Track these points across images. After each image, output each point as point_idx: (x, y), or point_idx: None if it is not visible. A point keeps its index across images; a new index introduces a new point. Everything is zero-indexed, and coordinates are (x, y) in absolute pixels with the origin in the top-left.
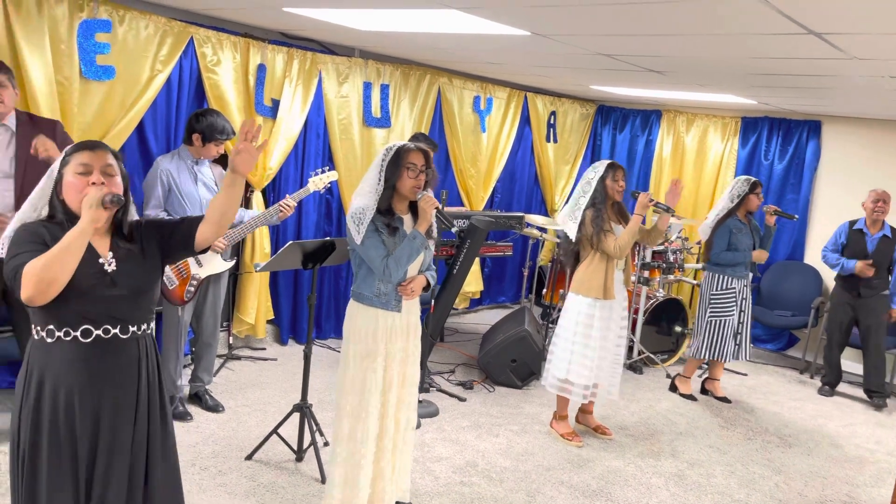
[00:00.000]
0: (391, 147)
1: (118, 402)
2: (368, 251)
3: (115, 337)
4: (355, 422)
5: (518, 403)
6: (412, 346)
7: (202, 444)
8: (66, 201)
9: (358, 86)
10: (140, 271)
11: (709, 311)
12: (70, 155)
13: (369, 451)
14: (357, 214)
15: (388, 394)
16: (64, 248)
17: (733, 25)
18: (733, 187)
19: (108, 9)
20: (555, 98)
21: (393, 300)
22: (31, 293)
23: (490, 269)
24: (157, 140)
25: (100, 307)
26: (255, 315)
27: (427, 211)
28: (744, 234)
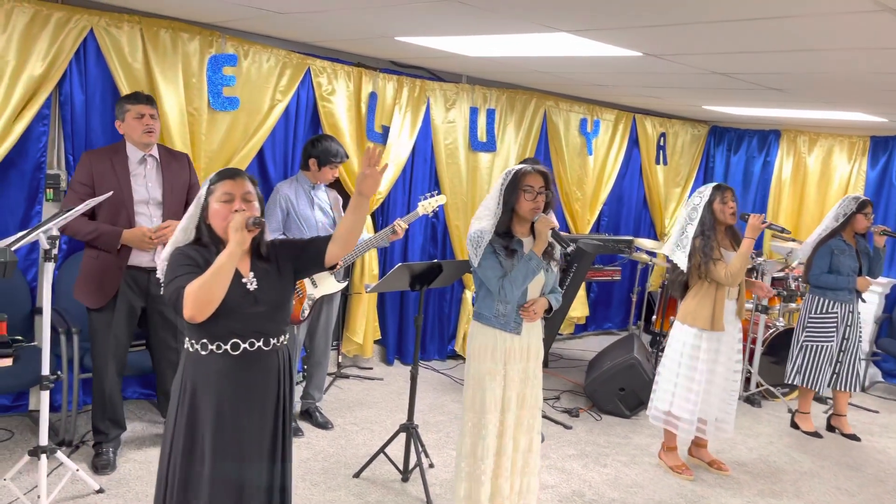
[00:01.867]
0: (510, 171)
1: (263, 408)
2: (486, 272)
3: (259, 349)
4: (475, 439)
5: (626, 433)
6: (532, 368)
7: (312, 460)
8: (212, 226)
9: (465, 111)
10: (277, 288)
11: (804, 335)
12: (214, 184)
13: (488, 468)
14: (475, 237)
15: (507, 413)
16: (217, 271)
17: (861, 39)
18: (839, 206)
19: (235, 44)
20: (665, 119)
21: (512, 321)
22: (192, 312)
23: (596, 294)
24: (276, 166)
25: (245, 323)
26: (363, 335)
27: (542, 232)
28: (847, 255)
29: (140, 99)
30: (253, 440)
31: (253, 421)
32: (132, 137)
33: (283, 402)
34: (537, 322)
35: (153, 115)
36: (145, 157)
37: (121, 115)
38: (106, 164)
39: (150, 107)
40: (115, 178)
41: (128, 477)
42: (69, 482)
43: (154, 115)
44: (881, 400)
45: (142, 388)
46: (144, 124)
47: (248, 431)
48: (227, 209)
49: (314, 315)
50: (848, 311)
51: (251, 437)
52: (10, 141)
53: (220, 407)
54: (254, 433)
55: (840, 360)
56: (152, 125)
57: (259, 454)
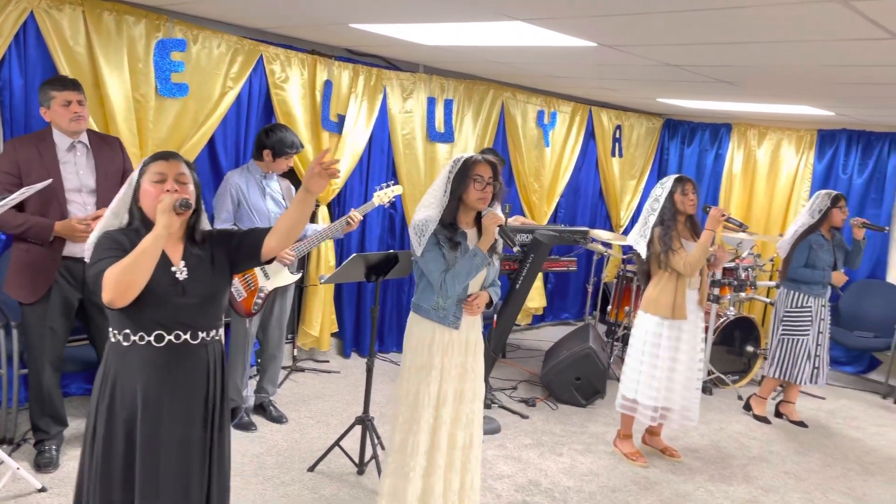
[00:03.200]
0: (458, 159)
1: (187, 404)
2: (428, 264)
3: (185, 342)
4: (406, 434)
5: (582, 422)
6: (471, 362)
7: (266, 455)
8: (143, 209)
9: (422, 101)
10: (209, 279)
11: (781, 329)
12: (147, 165)
13: (418, 465)
14: (420, 226)
15: (442, 409)
16: (141, 253)
17: (813, 31)
18: (813, 202)
19: (183, 28)
20: (620, 112)
21: (451, 315)
22: (111, 296)
23: (553, 284)
24: (227, 155)
25: (172, 313)
26: (319, 328)
27: (490, 228)
28: (825, 250)
29: (66, 84)
30: (177, 440)
31: (178, 419)
32: (59, 125)
33: (214, 401)
34: (477, 316)
35: (81, 102)
36: (74, 143)
37: (46, 102)
38: (32, 152)
39: (78, 92)
40: (43, 167)
41: (71, 475)
42: (10, 481)
43: (82, 101)
44: (828, 387)
45: (86, 383)
46: (72, 112)
47: (171, 430)
48: (159, 190)
49: (267, 308)
50: (821, 305)
51: (175, 436)
52: None
53: (143, 401)
54: (179, 433)
55: (817, 353)
56: (80, 112)
57: (185, 456)
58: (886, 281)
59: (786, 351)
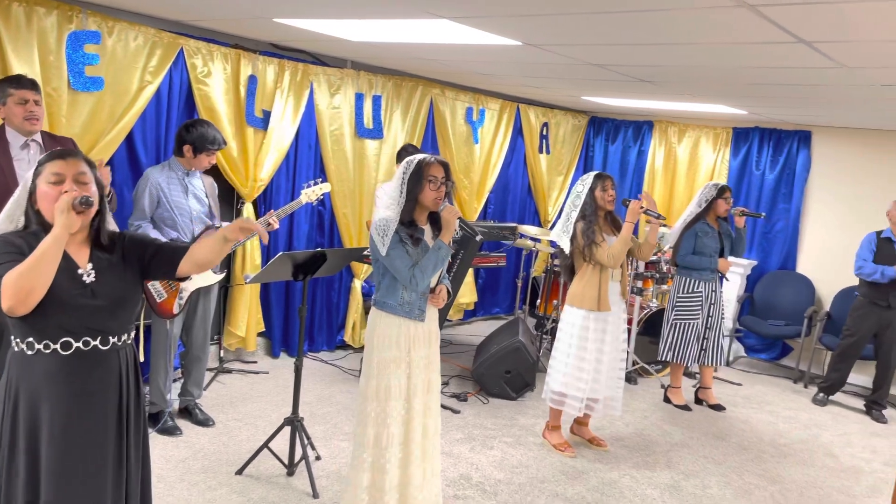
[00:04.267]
0: (412, 160)
1: (98, 418)
2: (394, 262)
3: (94, 349)
4: (380, 428)
5: (512, 415)
6: (434, 353)
7: (191, 460)
8: (40, 211)
9: (350, 97)
10: (120, 283)
11: (673, 314)
12: (43, 165)
13: (394, 456)
14: (381, 226)
15: (414, 400)
16: (39, 256)
17: (725, 34)
18: (701, 193)
19: (97, 20)
20: (547, 109)
21: (416, 309)
22: (10, 303)
23: (484, 280)
24: (147, 151)
25: (79, 319)
26: (245, 328)
27: (450, 221)
28: (710, 238)
29: (23, 83)
30: (91, 453)
31: (89, 431)
32: (13, 123)
33: (127, 408)
34: (434, 308)
35: (37, 101)
36: (28, 142)
37: (2, 99)
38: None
39: (34, 92)
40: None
41: None
42: None
43: (38, 101)
44: (744, 373)
45: None
46: (28, 111)
47: (83, 443)
48: (57, 191)
49: (190, 308)
50: (711, 290)
51: (88, 449)
52: None
53: (49, 419)
54: (91, 445)
55: (706, 336)
56: (35, 111)
57: (100, 469)
58: (797, 271)
59: (677, 334)
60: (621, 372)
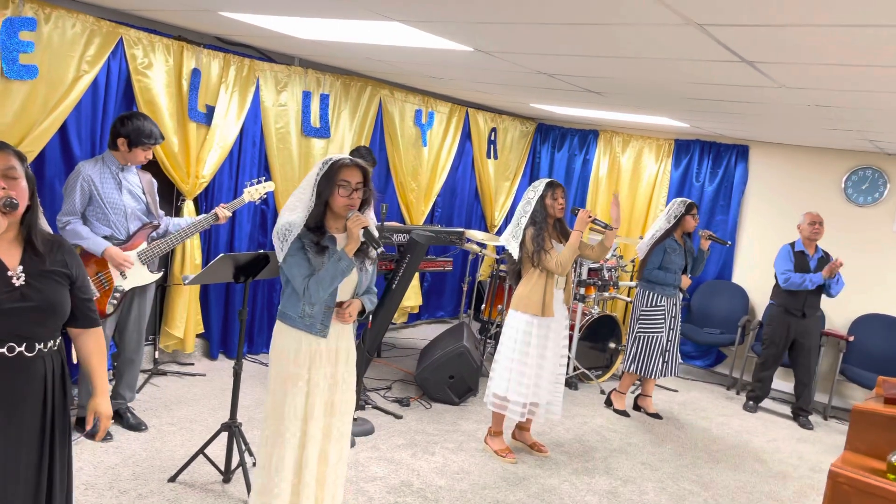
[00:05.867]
0: (327, 160)
1: (20, 422)
2: (291, 269)
3: (20, 355)
4: (271, 449)
5: (455, 420)
6: (342, 373)
7: (122, 466)
8: None
9: (297, 95)
10: (52, 287)
11: (637, 327)
12: None
13: (284, 481)
14: (283, 230)
15: (310, 422)
16: None
17: (671, 51)
18: (670, 209)
19: (34, 6)
20: (496, 115)
21: (318, 323)
22: None
23: (429, 283)
24: (82, 143)
25: (6, 324)
26: (183, 329)
27: (353, 231)
28: (677, 254)
29: None
30: (11, 463)
31: (10, 439)
32: None
33: (53, 415)
34: (348, 324)
35: None
36: None
37: None
38: None
39: None
40: None
41: None
42: None
43: None
44: (680, 380)
45: None
46: None
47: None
48: None
49: (124, 308)
50: (673, 304)
51: (8, 459)
52: None
53: None
54: (12, 454)
55: (668, 348)
56: None
57: (18, 481)
58: (732, 282)
59: (641, 347)
60: (561, 377)
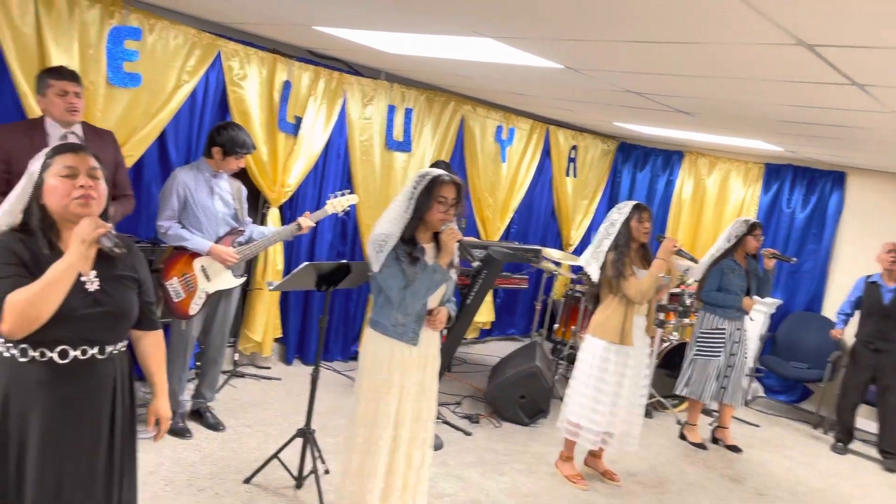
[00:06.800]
0: (424, 175)
1: (91, 422)
2: (387, 280)
3: (92, 358)
4: (364, 456)
5: (525, 441)
6: (429, 380)
7: (200, 464)
8: (46, 206)
9: (382, 108)
10: (123, 292)
11: (694, 349)
12: (52, 158)
13: (377, 488)
14: (379, 241)
15: (401, 429)
16: (50, 284)
17: (777, 72)
18: (731, 228)
19: (140, 17)
20: (577, 132)
21: (410, 331)
22: (11, 328)
23: (502, 300)
24: (178, 150)
25: (80, 328)
26: (262, 332)
27: (448, 245)
28: (737, 275)
29: (64, 75)
30: (80, 463)
31: (81, 440)
32: (53, 114)
33: (122, 414)
34: (435, 332)
35: (78, 94)
36: (67, 134)
37: (42, 90)
38: (24, 140)
39: (75, 84)
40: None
41: None
42: None
43: (79, 93)
44: (762, 414)
45: None
46: (68, 102)
47: (74, 452)
48: (69, 185)
49: (211, 310)
50: (735, 328)
51: (78, 458)
52: None
53: (41, 422)
54: (82, 454)
55: (727, 374)
56: (76, 103)
57: (89, 478)
58: (822, 314)
59: (697, 371)
60: (640, 408)
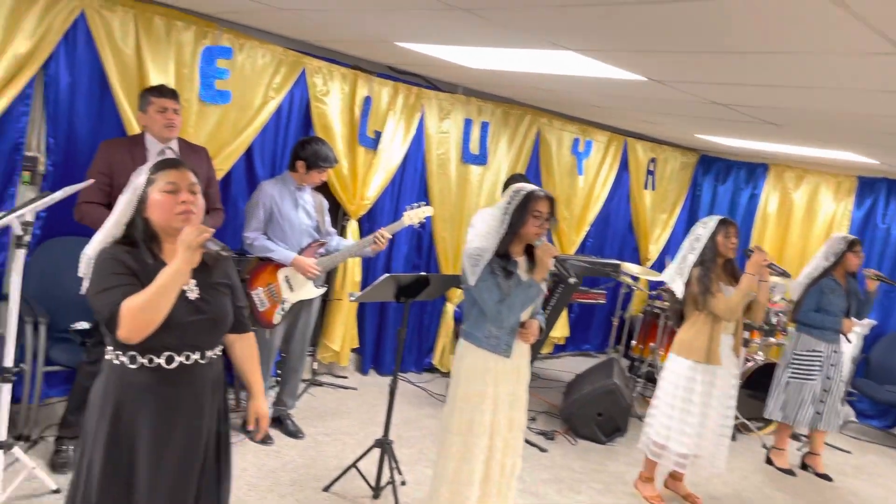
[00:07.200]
0: (519, 191)
1: (194, 425)
2: (482, 293)
3: (195, 363)
4: (460, 464)
5: (602, 460)
6: (521, 391)
7: (281, 471)
8: (150, 220)
9: (459, 122)
10: (220, 299)
11: (788, 371)
12: (155, 174)
13: (473, 495)
14: (475, 255)
15: (496, 438)
16: (161, 290)
17: (873, 81)
18: (829, 245)
19: (231, 37)
20: (655, 144)
21: (503, 344)
22: (128, 334)
23: (577, 314)
24: (264, 165)
25: (183, 335)
26: (340, 342)
27: (544, 260)
28: (837, 295)
29: (164, 93)
30: (187, 459)
31: (183, 440)
32: (152, 130)
33: (220, 415)
34: (526, 344)
35: (176, 110)
36: (164, 149)
37: (143, 107)
38: (125, 154)
39: (174, 101)
40: (133, 170)
41: None
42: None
43: (177, 110)
44: (854, 440)
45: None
46: (167, 118)
47: (176, 452)
48: (172, 200)
49: (291, 319)
50: (832, 350)
51: (185, 455)
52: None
53: (151, 424)
54: (184, 453)
55: (822, 399)
56: (174, 120)
57: (189, 476)
58: None
59: (791, 394)
60: (727, 430)
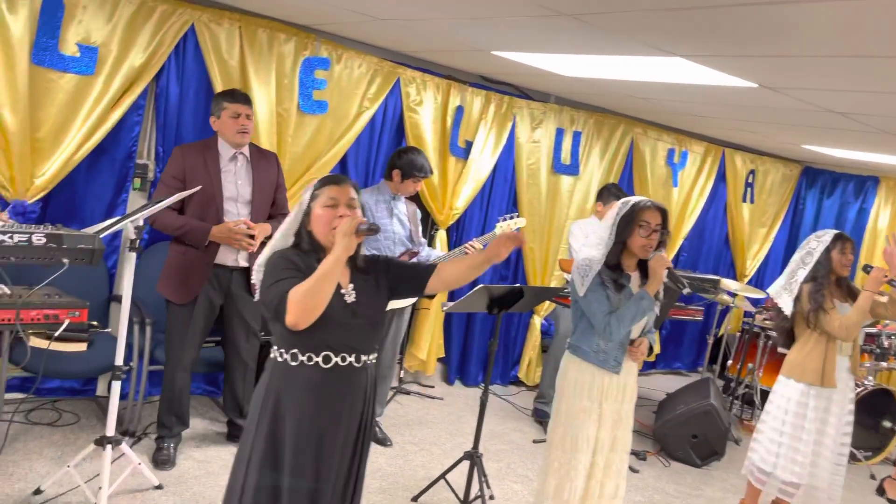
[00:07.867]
0: (627, 202)
1: (347, 428)
2: (591, 305)
3: (350, 365)
4: (563, 480)
5: (697, 484)
6: (626, 409)
7: (370, 478)
8: (313, 233)
9: (551, 131)
10: (375, 303)
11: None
12: (318, 189)
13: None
14: (583, 266)
15: (597, 455)
16: (322, 276)
17: None
18: None
19: (329, 48)
20: (755, 155)
21: (612, 359)
22: (295, 318)
23: (668, 331)
24: (358, 173)
25: (340, 335)
26: (427, 352)
27: (658, 272)
28: None
29: (238, 98)
30: (333, 459)
31: (336, 440)
32: (225, 135)
33: (367, 423)
34: (636, 363)
35: (249, 116)
36: (236, 154)
37: (217, 112)
38: (198, 159)
39: (247, 106)
40: (206, 174)
41: (186, 475)
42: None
43: (249, 116)
44: None
45: (206, 384)
46: (240, 124)
47: (329, 450)
48: (331, 214)
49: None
50: None
51: (331, 456)
52: (105, 128)
53: (304, 421)
54: (335, 452)
55: None
56: (247, 125)
57: (337, 474)
58: None
59: None
60: (844, 459)
